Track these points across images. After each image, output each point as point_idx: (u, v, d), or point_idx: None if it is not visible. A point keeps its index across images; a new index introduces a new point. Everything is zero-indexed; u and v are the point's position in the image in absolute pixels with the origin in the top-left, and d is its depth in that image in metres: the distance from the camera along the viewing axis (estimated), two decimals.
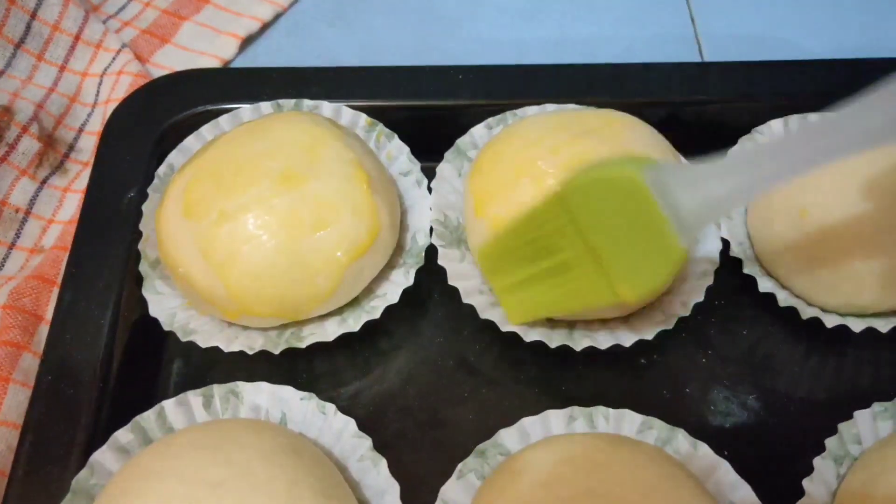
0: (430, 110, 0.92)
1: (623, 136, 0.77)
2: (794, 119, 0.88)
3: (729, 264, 0.81)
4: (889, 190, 0.73)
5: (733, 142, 0.87)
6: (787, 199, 0.78)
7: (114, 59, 1.02)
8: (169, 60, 1.05)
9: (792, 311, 0.79)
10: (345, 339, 0.77)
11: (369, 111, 0.89)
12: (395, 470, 0.69)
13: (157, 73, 1.03)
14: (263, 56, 1.08)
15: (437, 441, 0.77)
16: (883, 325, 0.76)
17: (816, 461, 0.69)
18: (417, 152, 0.87)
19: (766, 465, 0.75)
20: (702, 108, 0.93)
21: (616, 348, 0.76)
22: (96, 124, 0.97)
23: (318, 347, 0.77)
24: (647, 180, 0.59)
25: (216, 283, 0.73)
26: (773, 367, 0.81)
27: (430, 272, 0.81)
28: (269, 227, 0.72)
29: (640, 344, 0.77)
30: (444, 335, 0.83)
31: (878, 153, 0.75)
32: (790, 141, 0.57)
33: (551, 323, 0.78)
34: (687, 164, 0.62)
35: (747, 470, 0.69)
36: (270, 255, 0.72)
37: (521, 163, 0.76)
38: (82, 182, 0.92)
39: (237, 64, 1.07)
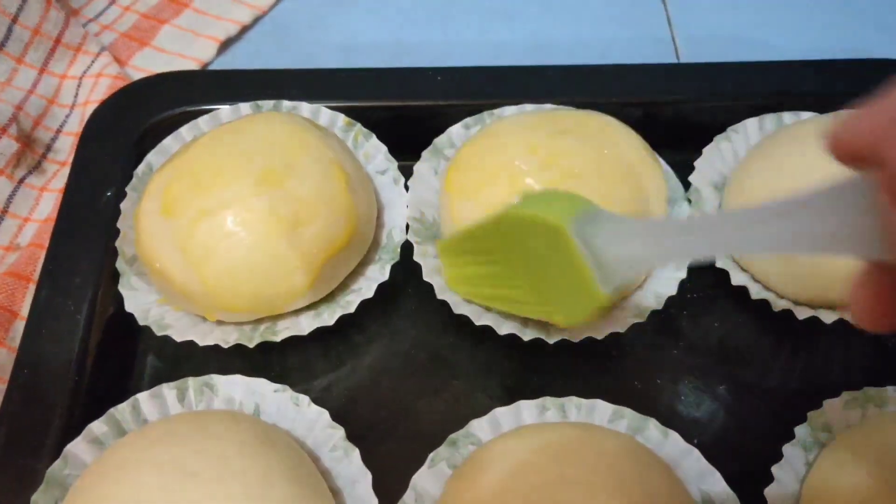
0: (409, 111, 0.93)
1: (599, 134, 0.78)
2: (769, 118, 0.89)
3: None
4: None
5: (709, 140, 0.89)
6: (760, 192, 0.79)
7: (93, 61, 1.02)
8: (148, 63, 1.06)
9: (764, 304, 0.80)
10: (319, 333, 0.78)
11: (348, 112, 0.90)
12: (368, 460, 0.69)
13: (136, 75, 1.03)
14: (242, 59, 1.09)
15: (410, 432, 0.77)
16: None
17: (785, 448, 0.70)
18: (395, 152, 0.88)
19: (736, 454, 0.76)
20: (678, 107, 0.94)
21: (589, 341, 0.77)
22: (74, 125, 0.98)
23: (291, 342, 0.78)
24: (573, 230, 0.58)
25: (193, 279, 0.73)
26: (745, 358, 0.82)
27: (406, 268, 0.81)
28: (247, 224, 0.73)
29: (613, 336, 0.77)
30: (418, 329, 0.84)
31: None
32: (727, 220, 0.53)
33: (524, 318, 0.79)
34: (617, 217, 0.60)
35: (718, 458, 0.69)
36: (247, 252, 0.73)
37: (498, 161, 0.77)
38: (59, 182, 0.93)
39: (216, 67, 1.08)
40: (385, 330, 0.84)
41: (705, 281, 0.84)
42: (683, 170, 0.87)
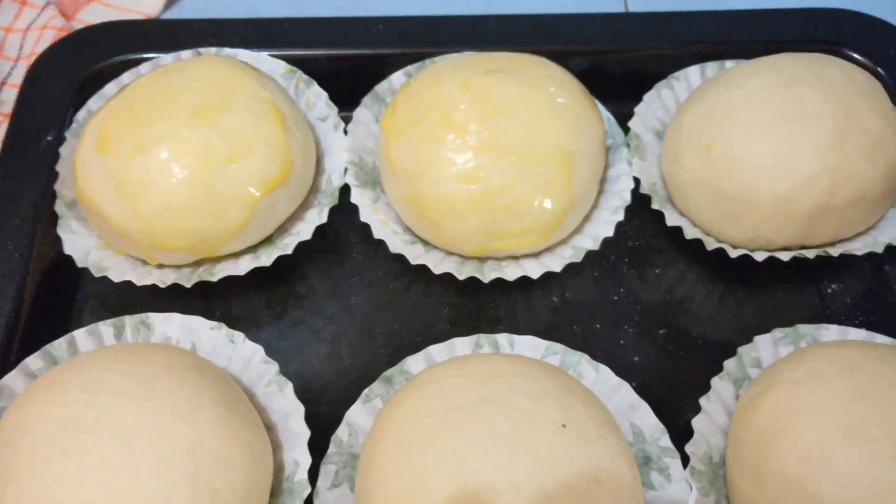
0: (351, 60, 0.93)
1: (532, 73, 0.78)
2: (710, 65, 0.89)
3: (647, 209, 0.82)
4: (790, 123, 0.74)
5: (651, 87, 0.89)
6: (694, 133, 0.79)
7: (38, 15, 1.02)
8: (94, 17, 1.05)
9: (704, 250, 0.80)
10: (262, 283, 0.79)
11: (291, 61, 0.89)
12: (304, 398, 0.69)
13: None
14: (189, 13, 1.08)
15: (347, 373, 0.78)
16: (785, 256, 0.77)
17: (714, 381, 0.70)
18: (340, 102, 0.87)
19: (669, 391, 0.77)
20: (623, 57, 0.95)
21: (530, 286, 0.77)
22: (19, 77, 0.97)
23: (235, 292, 0.79)
24: None
25: (129, 216, 0.73)
26: (684, 303, 0.83)
27: (347, 219, 0.82)
28: (181, 159, 0.73)
29: (554, 283, 0.78)
30: (359, 275, 0.84)
31: (782, 89, 0.76)
32: None
33: (461, 259, 0.79)
34: None
35: (651, 395, 0.70)
36: (182, 187, 0.72)
37: (431, 98, 0.77)
38: (3, 132, 0.92)
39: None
40: (327, 279, 0.84)
41: (648, 230, 0.85)
42: (629, 119, 0.87)
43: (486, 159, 0.73)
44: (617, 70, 0.94)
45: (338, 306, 0.82)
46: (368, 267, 0.84)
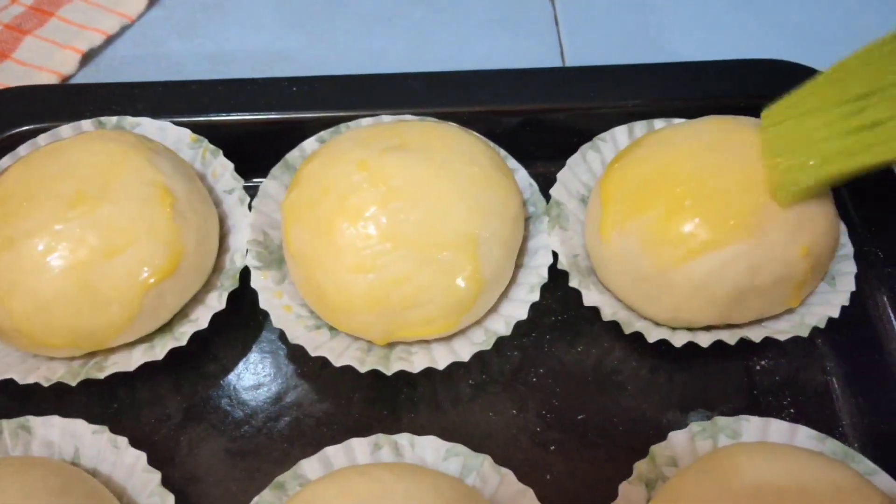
0: (263, 125, 0.88)
1: (438, 147, 0.74)
2: (639, 125, 0.85)
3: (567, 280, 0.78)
4: (706, 200, 0.70)
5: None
6: (620, 196, 0.75)
7: None
8: (6, 77, 1.01)
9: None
10: (171, 361, 0.74)
11: (198, 127, 0.85)
12: None
13: None
14: (106, 71, 1.04)
15: (244, 472, 0.73)
16: (705, 340, 0.73)
17: (622, 486, 0.66)
18: (251, 169, 0.84)
19: (579, 492, 0.72)
20: (550, 115, 0.90)
21: (429, 371, 0.73)
22: None
23: (141, 374, 0.74)
24: None
25: (2, 314, 0.69)
26: (606, 384, 0.78)
27: (254, 293, 0.77)
28: (52, 254, 0.68)
29: (467, 367, 0.74)
30: (271, 354, 0.80)
31: (700, 157, 0.72)
32: None
33: (368, 345, 0.75)
34: None
35: (565, 492, 0.67)
36: (56, 284, 0.68)
37: (328, 179, 0.73)
38: None
39: (78, 79, 1.03)
40: (236, 360, 0.80)
41: (571, 302, 0.80)
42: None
43: (384, 247, 0.69)
44: (546, 129, 0.90)
45: (244, 390, 0.77)
46: (280, 345, 0.80)
